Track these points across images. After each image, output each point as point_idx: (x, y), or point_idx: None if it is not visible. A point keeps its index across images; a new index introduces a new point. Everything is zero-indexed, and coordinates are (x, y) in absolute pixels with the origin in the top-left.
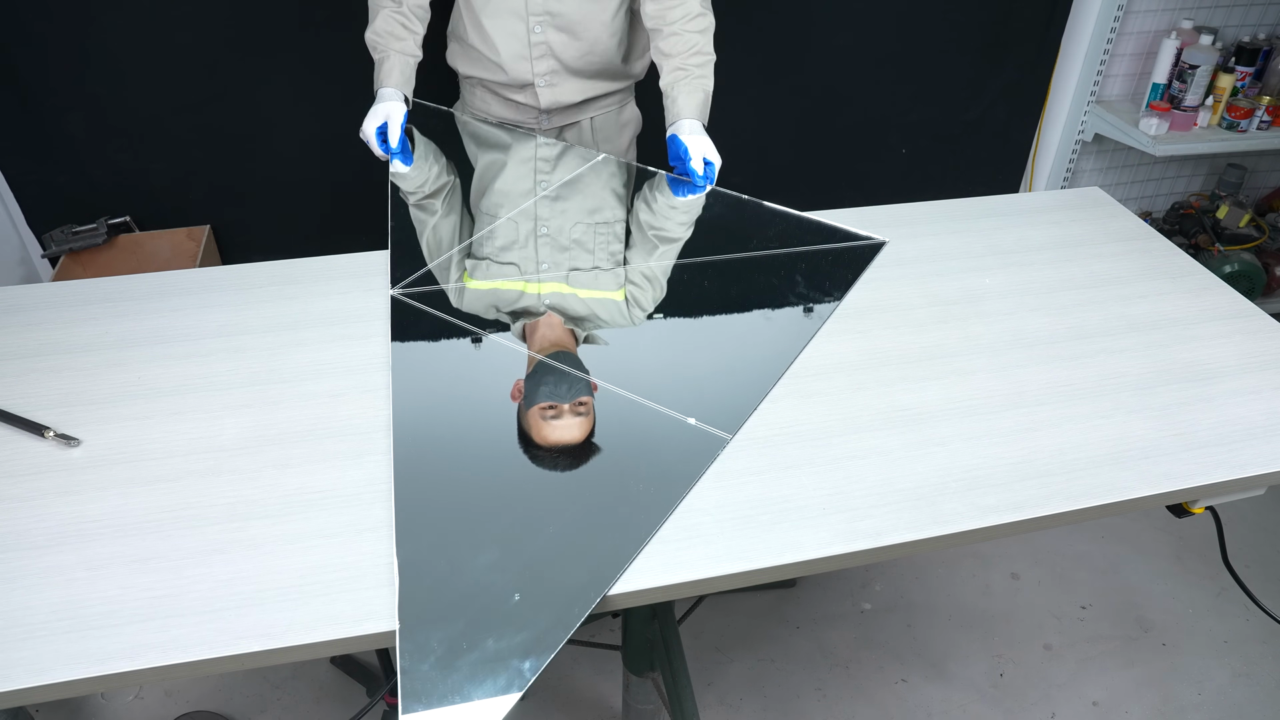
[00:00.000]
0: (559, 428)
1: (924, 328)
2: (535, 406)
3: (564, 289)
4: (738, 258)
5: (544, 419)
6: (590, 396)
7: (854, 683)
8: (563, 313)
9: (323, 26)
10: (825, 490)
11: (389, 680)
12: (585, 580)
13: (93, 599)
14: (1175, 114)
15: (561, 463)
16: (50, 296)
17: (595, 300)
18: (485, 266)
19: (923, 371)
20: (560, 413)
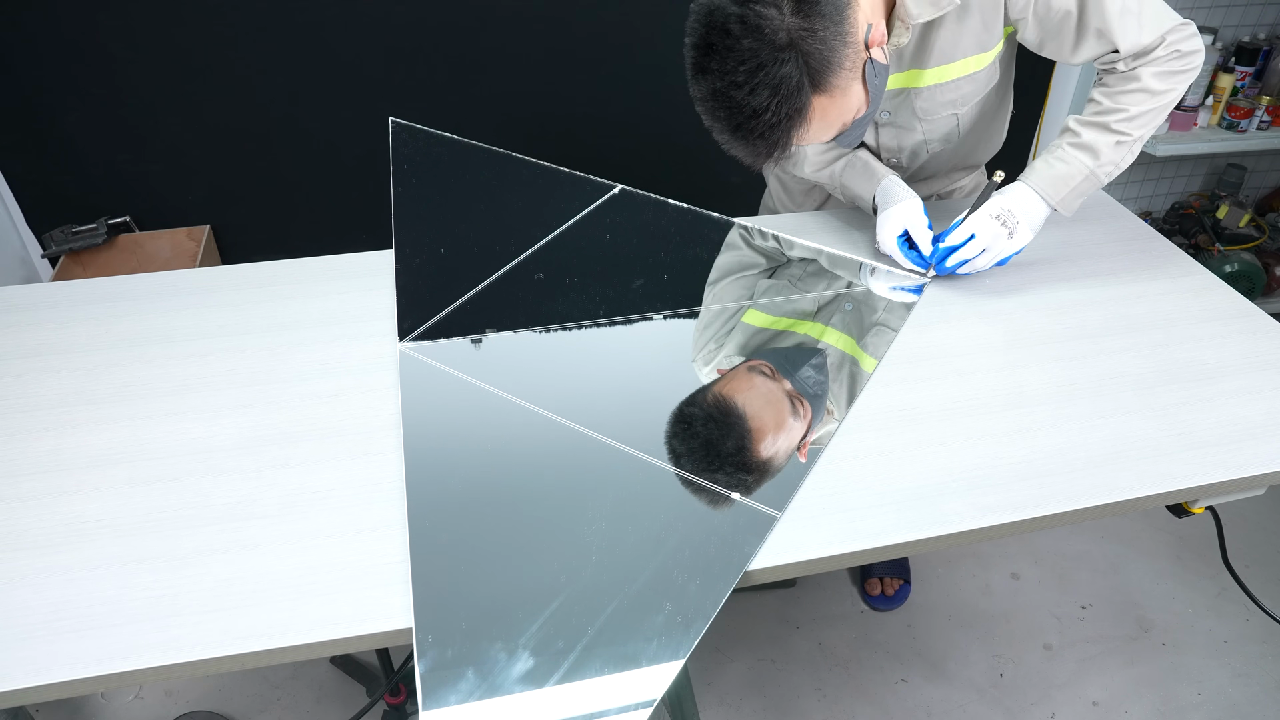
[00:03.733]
0: (750, 384)
1: (923, 328)
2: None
3: (860, 354)
4: (766, 303)
5: (745, 372)
6: (797, 397)
7: (854, 683)
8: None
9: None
10: (825, 490)
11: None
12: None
13: (93, 599)
14: (1175, 114)
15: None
16: (50, 296)
17: (870, 377)
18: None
19: (923, 371)
20: (762, 377)
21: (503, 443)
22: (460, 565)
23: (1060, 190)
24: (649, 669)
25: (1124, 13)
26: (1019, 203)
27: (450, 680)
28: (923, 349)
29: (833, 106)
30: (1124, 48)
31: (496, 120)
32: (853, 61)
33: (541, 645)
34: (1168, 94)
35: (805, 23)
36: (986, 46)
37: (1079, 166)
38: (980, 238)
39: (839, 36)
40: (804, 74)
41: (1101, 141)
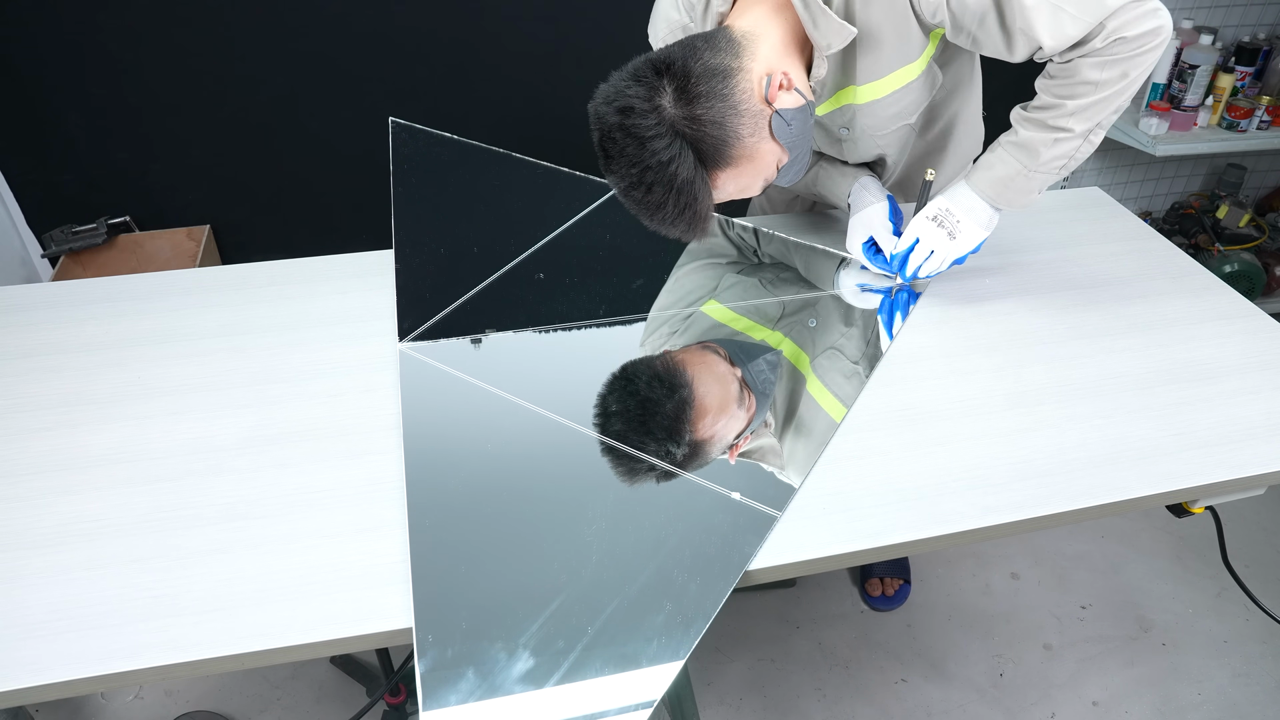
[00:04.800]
0: (703, 359)
1: (924, 328)
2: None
3: (808, 372)
4: (766, 303)
5: (699, 348)
6: (743, 376)
7: (854, 683)
8: (779, 382)
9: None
10: (825, 490)
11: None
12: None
13: (93, 599)
14: (1175, 114)
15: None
16: (50, 296)
17: (819, 411)
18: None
19: (923, 371)
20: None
21: (503, 443)
22: (460, 565)
23: (1000, 190)
24: (649, 669)
25: (1043, 6)
26: (958, 203)
27: (450, 680)
28: (923, 349)
29: (743, 173)
30: (1048, 44)
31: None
32: (752, 127)
33: (541, 645)
34: (1115, 83)
35: (689, 110)
36: (910, 58)
37: (1015, 166)
38: (924, 241)
39: (728, 111)
40: (695, 162)
41: (1039, 139)
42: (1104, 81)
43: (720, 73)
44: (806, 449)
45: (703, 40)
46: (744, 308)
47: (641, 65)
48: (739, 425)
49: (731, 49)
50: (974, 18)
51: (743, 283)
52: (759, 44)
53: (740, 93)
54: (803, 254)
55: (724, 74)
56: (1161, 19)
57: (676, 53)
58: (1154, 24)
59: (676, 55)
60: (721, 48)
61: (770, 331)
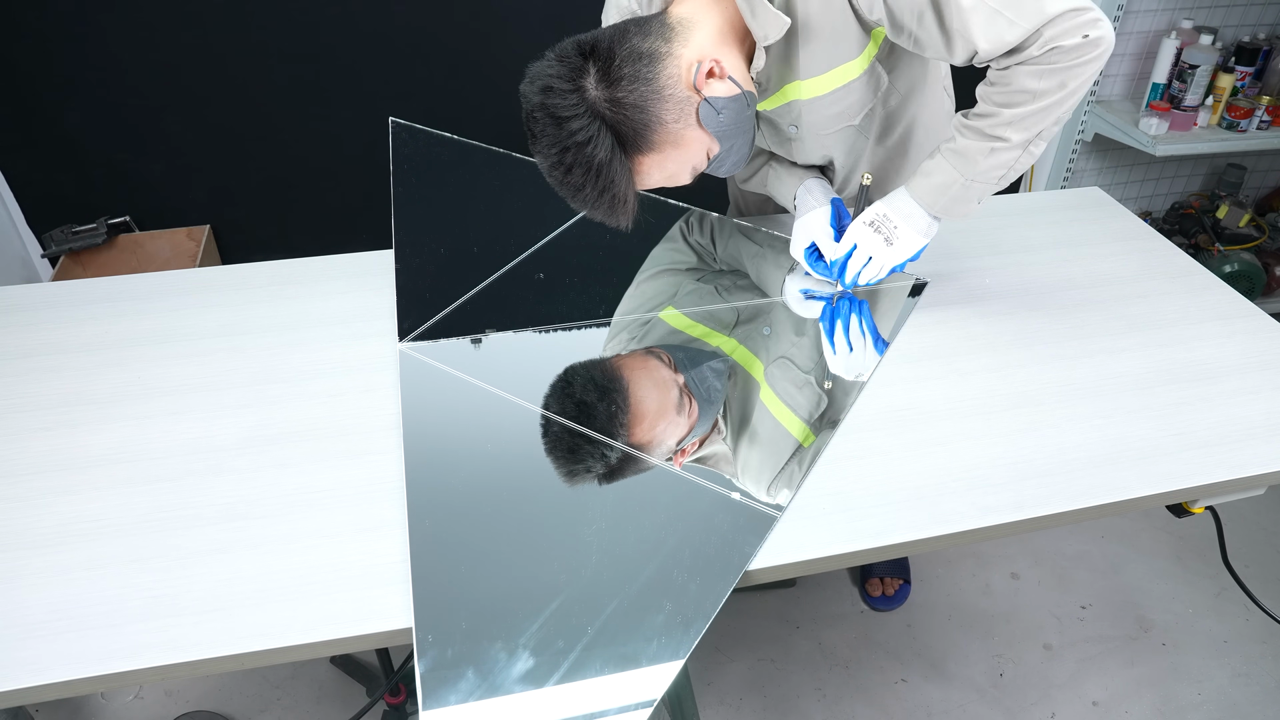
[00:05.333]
0: (643, 364)
1: (924, 328)
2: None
3: (761, 381)
4: (767, 303)
5: (643, 354)
6: (690, 394)
7: (854, 683)
8: (732, 394)
9: (323, 26)
10: (825, 490)
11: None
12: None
13: (93, 599)
14: (1175, 114)
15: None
16: (50, 296)
17: (771, 420)
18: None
19: (923, 371)
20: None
21: (503, 443)
22: (460, 565)
23: (936, 198)
24: (649, 669)
25: (981, 9)
26: (896, 209)
27: (450, 680)
28: (923, 349)
29: (669, 159)
30: (984, 49)
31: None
32: (677, 113)
33: (541, 645)
34: (1054, 93)
35: (610, 92)
36: (849, 55)
37: (953, 174)
38: (861, 247)
39: (652, 95)
40: (614, 145)
41: (975, 148)
42: (1042, 91)
43: (647, 57)
44: (760, 458)
45: (636, 24)
46: (700, 314)
47: (567, 46)
48: (680, 431)
49: (664, 34)
50: (912, 15)
51: (700, 290)
52: (694, 31)
53: (666, 78)
54: (755, 261)
55: (651, 58)
56: (1102, 30)
57: (605, 35)
58: (1094, 34)
59: (604, 38)
60: (653, 32)
61: (725, 338)
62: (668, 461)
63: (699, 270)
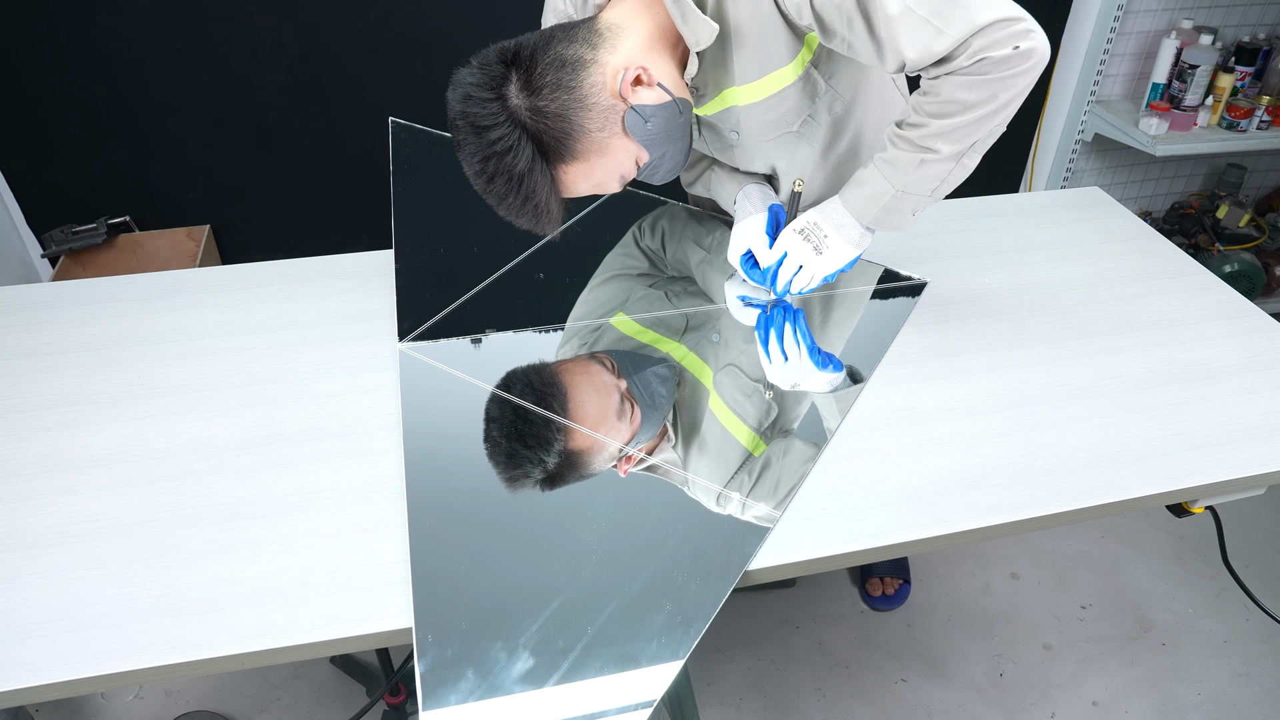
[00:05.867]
0: (584, 369)
1: (924, 327)
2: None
3: (710, 388)
4: (720, 309)
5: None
6: (641, 419)
7: (854, 683)
8: (682, 404)
9: (323, 26)
10: (825, 490)
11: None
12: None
13: (93, 599)
14: (1175, 114)
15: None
16: (50, 296)
17: (720, 428)
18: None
19: (923, 371)
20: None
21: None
22: (460, 565)
23: (868, 208)
24: (649, 669)
25: (908, 18)
26: (828, 218)
27: (450, 680)
28: (923, 349)
29: (594, 168)
30: (911, 58)
31: None
32: (601, 121)
33: (541, 645)
34: (984, 105)
35: (533, 101)
36: (782, 61)
37: (884, 185)
38: (791, 255)
39: (574, 104)
40: (536, 155)
41: (905, 159)
42: (972, 102)
43: (570, 64)
44: (709, 466)
45: (562, 30)
46: (650, 320)
47: (490, 54)
48: (621, 437)
49: (590, 40)
50: (843, 21)
51: (651, 296)
52: (623, 37)
53: (589, 86)
54: (701, 268)
55: (574, 65)
56: (1034, 41)
57: (529, 42)
58: (1025, 46)
59: (528, 45)
60: (580, 39)
61: (676, 345)
62: (612, 468)
63: (651, 276)
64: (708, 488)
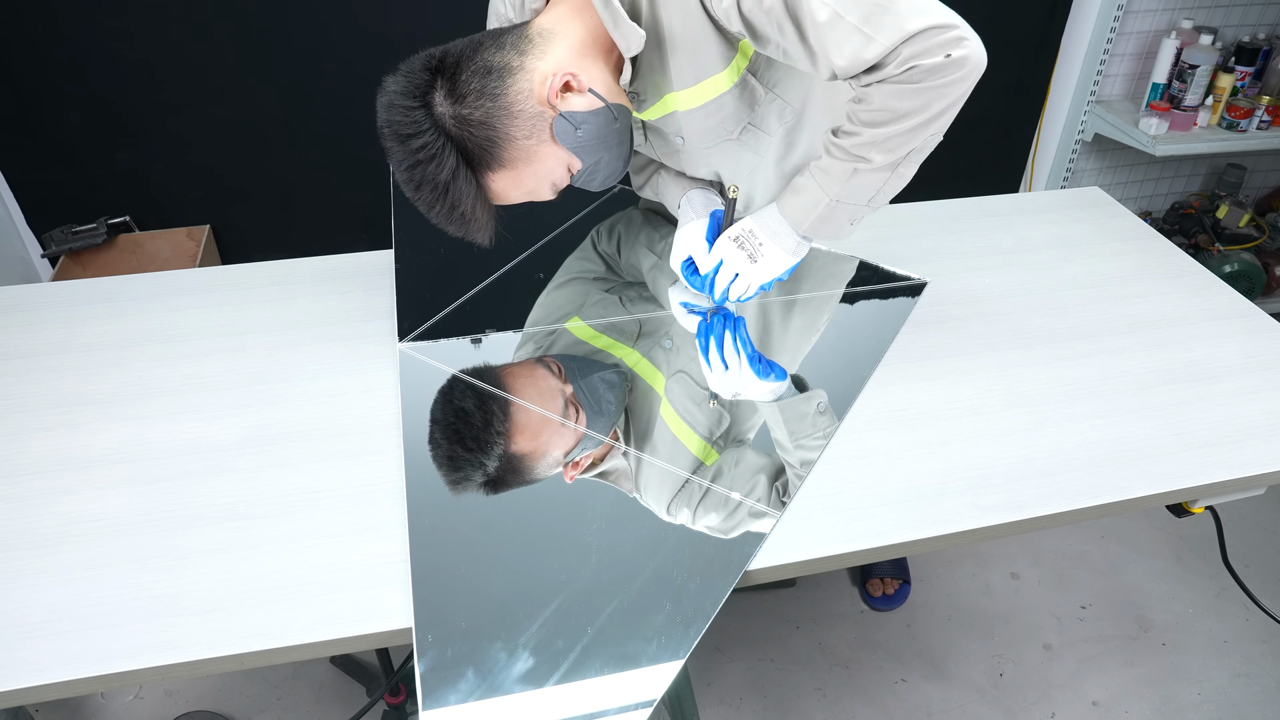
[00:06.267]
0: (529, 373)
1: (924, 327)
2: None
3: (661, 395)
4: (766, 301)
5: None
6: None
7: (854, 683)
8: (633, 410)
9: (323, 26)
10: (825, 490)
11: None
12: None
13: (93, 599)
14: (1175, 114)
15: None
16: (50, 296)
17: (670, 436)
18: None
19: (923, 371)
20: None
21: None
22: (460, 565)
23: (803, 217)
24: (649, 669)
25: (838, 25)
26: (764, 225)
27: (450, 680)
28: (923, 349)
29: (523, 176)
30: (841, 66)
31: None
32: (528, 129)
33: (541, 645)
34: (917, 114)
35: (457, 108)
36: (717, 67)
37: (818, 194)
38: (727, 263)
39: (499, 111)
40: (460, 163)
41: (839, 169)
42: (905, 111)
43: (496, 71)
44: (660, 475)
45: (493, 36)
46: (604, 326)
47: (416, 61)
48: (565, 442)
49: (519, 47)
50: (774, 27)
51: (606, 301)
52: (554, 43)
53: (515, 93)
54: (652, 274)
55: (500, 72)
56: (967, 49)
57: (456, 49)
58: (958, 53)
59: (455, 51)
60: (509, 45)
61: (629, 350)
62: (559, 473)
63: (607, 280)
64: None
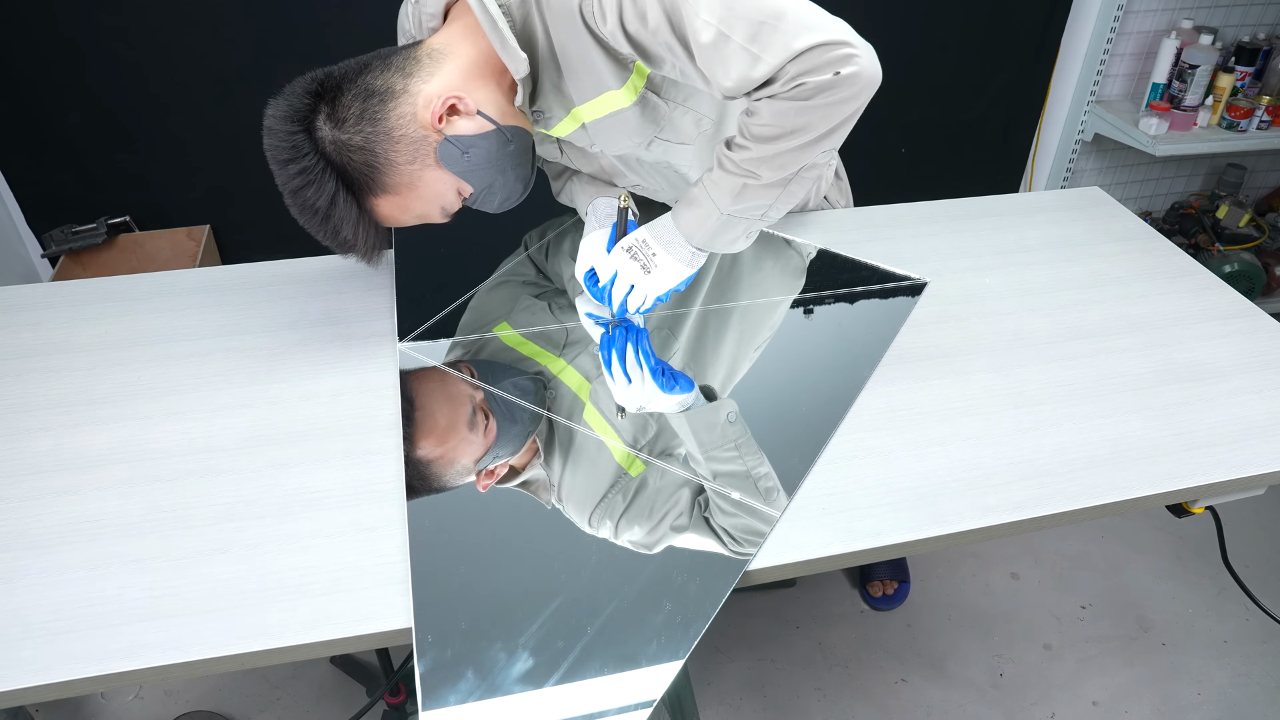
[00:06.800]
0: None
1: (924, 327)
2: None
3: (586, 403)
4: (766, 302)
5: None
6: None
7: (854, 683)
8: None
9: (323, 26)
10: (825, 490)
11: (389, 680)
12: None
13: (93, 599)
14: (1175, 114)
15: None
16: (50, 296)
17: (595, 445)
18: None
19: (923, 371)
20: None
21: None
22: (460, 565)
23: (695, 228)
24: (649, 669)
25: (722, 45)
26: (658, 235)
27: (450, 680)
28: (923, 349)
29: (409, 201)
30: (727, 86)
31: None
32: (411, 154)
33: (541, 645)
34: (805, 132)
35: (336, 133)
36: (611, 85)
37: (710, 207)
38: (621, 274)
39: (380, 136)
40: (340, 189)
41: (728, 183)
42: (793, 128)
43: (378, 95)
44: (583, 485)
45: (380, 57)
46: (532, 333)
47: (299, 84)
48: (474, 450)
49: (405, 69)
50: (664, 49)
51: (535, 306)
52: (443, 64)
53: (397, 117)
54: (572, 281)
55: (382, 96)
56: (856, 66)
57: (339, 72)
58: (846, 71)
59: (338, 74)
60: (395, 67)
61: (555, 359)
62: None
63: (538, 285)
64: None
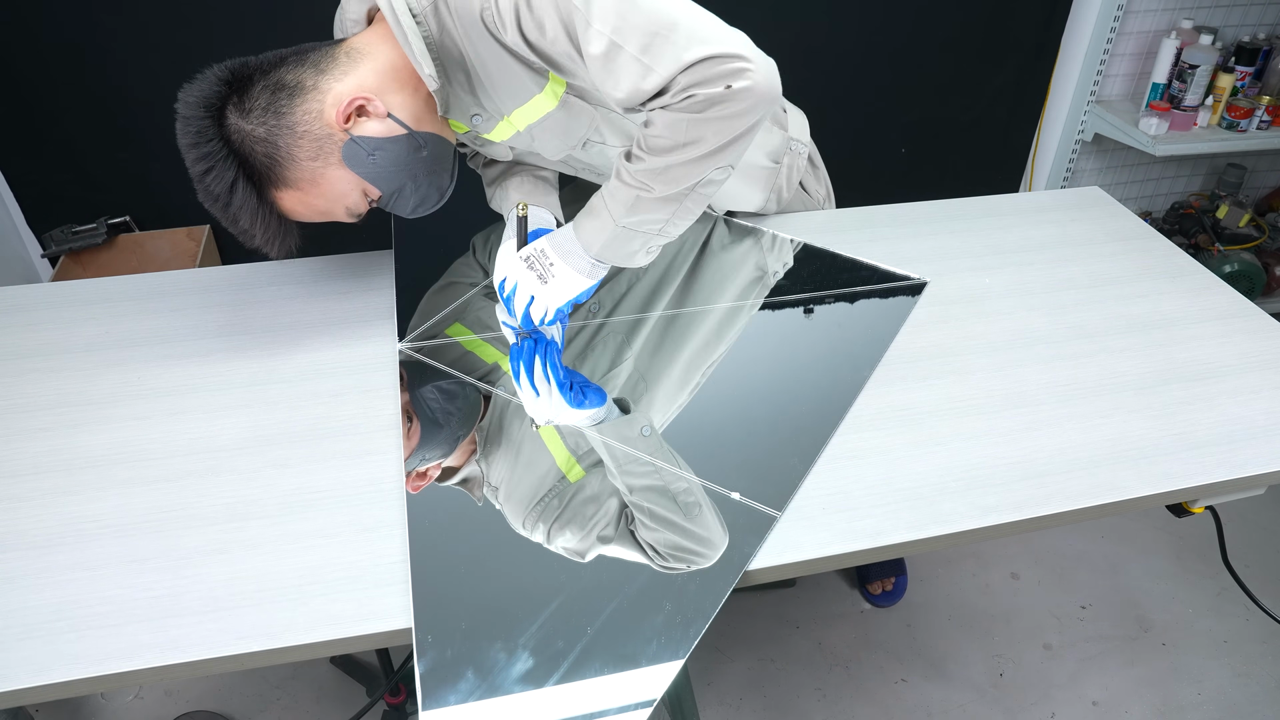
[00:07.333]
0: None
1: (923, 327)
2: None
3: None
4: (766, 302)
5: None
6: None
7: (854, 683)
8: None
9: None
10: (825, 490)
11: (389, 680)
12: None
13: (92, 599)
14: (1175, 114)
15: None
16: (50, 296)
17: (537, 448)
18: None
19: (923, 371)
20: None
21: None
22: (460, 565)
23: (594, 240)
24: (649, 669)
25: (614, 56)
26: (557, 246)
27: (450, 680)
28: (923, 349)
29: (311, 196)
30: (619, 97)
31: None
32: (314, 150)
33: (541, 645)
34: (697, 145)
35: (244, 124)
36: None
37: (606, 219)
38: (521, 285)
39: (283, 130)
40: (240, 178)
41: (623, 195)
42: (685, 141)
43: (288, 89)
44: (523, 489)
45: (299, 52)
46: (488, 337)
47: (213, 72)
48: (401, 451)
49: (320, 65)
50: (564, 56)
51: (489, 308)
52: (360, 65)
53: (304, 113)
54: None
55: (291, 90)
56: (750, 80)
57: (255, 63)
58: (738, 85)
59: (254, 65)
60: (311, 63)
61: (503, 356)
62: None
63: (487, 287)
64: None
